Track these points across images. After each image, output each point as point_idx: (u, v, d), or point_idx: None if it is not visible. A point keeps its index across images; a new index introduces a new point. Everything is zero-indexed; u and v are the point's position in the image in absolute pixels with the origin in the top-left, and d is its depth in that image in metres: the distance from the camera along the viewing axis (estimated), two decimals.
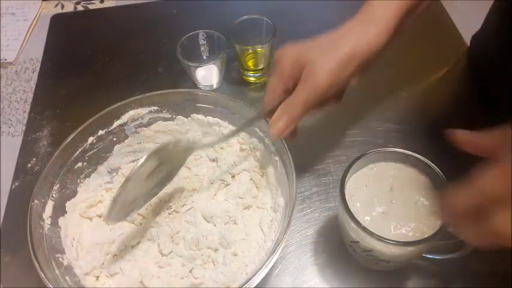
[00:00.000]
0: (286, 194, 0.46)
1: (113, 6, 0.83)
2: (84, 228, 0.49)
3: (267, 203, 0.51)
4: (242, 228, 0.49)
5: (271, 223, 0.48)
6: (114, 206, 0.41)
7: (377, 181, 0.42)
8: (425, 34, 0.72)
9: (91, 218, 0.50)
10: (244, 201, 0.51)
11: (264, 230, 0.48)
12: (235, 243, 0.47)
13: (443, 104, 0.64)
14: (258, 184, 0.53)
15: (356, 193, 0.41)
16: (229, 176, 0.53)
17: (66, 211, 0.48)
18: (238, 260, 0.46)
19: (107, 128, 0.51)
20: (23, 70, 0.73)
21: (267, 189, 0.52)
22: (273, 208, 0.49)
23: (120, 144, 0.54)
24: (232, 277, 0.44)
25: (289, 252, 0.50)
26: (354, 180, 0.42)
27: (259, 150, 0.53)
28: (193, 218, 0.50)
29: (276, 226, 0.47)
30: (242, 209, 0.51)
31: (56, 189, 0.47)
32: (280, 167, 0.49)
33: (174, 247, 0.48)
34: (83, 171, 0.51)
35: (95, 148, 0.51)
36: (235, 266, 0.46)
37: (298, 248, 0.50)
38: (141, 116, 0.53)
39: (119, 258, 0.47)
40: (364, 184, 0.42)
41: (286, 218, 0.42)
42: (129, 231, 0.49)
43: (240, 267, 0.46)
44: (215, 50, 0.64)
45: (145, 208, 0.50)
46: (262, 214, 0.50)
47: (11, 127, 0.66)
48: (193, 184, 0.53)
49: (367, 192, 0.41)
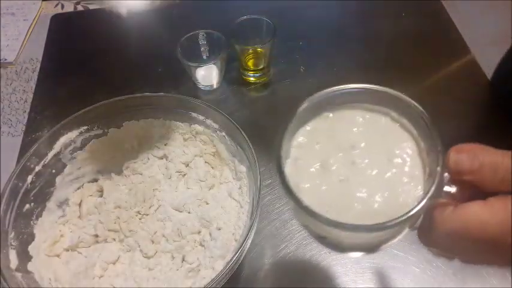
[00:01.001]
0: (244, 160, 0.48)
1: (113, 6, 0.83)
2: (57, 266, 0.47)
3: (228, 176, 0.52)
4: (216, 205, 0.50)
5: (240, 190, 0.50)
6: None
7: (333, 136, 0.30)
8: (425, 34, 0.72)
9: (59, 255, 0.48)
10: (207, 183, 0.52)
11: (236, 198, 0.50)
12: (215, 219, 0.49)
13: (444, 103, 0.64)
14: (213, 164, 0.54)
15: (304, 154, 0.29)
16: (183, 166, 0.54)
17: (31, 256, 0.46)
18: (224, 231, 0.48)
19: (42, 162, 0.49)
20: (23, 70, 0.73)
21: (224, 165, 0.53)
22: (236, 177, 0.51)
23: (60, 175, 0.51)
24: (225, 248, 0.46)
25: (289, 252, 0.50)
26: (301, 136, 0.30)
27: (202, 133, 0.54)
28: (164, 214, 0.50)
29: (245, 190, 0.48)
30: (208, 190, 0.52)
31: (12, 237, 0.44)
32: (229, 140, 0.50)
33: (157, 247, 0.48)
34: (32, 212, 0.48)
35: (37, 186, 0.48)
36: (224, 237, 0.47)
37: (298, 248, 0.50)
38: (73, 140, 0.51)
39: (107, 278, 0.47)
40: (315, 141, 0.30)
41: (254, 175, 0.44)
42: (105, 249, 0.49)
43: (229, 237, 0.47)
44: (215, 50, 0.64)
45: (113, 222, 0.50)
46: (228, 186, 0.52)
47: (11, 127, 0.66)
48: (152, 185, 0.53)
49: (320, 152, 0.29)
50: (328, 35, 0.74)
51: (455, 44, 0.71)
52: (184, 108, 0.52)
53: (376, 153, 0.29)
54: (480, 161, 0.23)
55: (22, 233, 0.46)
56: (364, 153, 0.29)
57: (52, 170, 0.50)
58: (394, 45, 0.71)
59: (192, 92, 0.66)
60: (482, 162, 0.23)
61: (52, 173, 0.50)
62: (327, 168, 0.28)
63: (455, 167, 0.24)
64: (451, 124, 0.61)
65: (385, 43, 0.72)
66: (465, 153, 0.24)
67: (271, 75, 0.68)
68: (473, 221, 0.23)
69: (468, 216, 0.23)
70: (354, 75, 0.67)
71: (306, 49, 0.71)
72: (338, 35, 0.74)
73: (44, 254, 0.47)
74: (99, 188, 0.54)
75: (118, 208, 0.51)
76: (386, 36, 0.73)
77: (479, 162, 0.23)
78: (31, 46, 0.77)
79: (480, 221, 0.22)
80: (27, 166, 0.47)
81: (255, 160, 0.44)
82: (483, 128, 0.60)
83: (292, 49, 0.71)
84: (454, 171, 0.24)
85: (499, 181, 0.23)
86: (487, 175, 0.23)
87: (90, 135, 0.52)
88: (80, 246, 0.49)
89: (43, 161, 0.49)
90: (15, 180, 0.46)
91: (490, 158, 0.23)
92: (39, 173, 0.49)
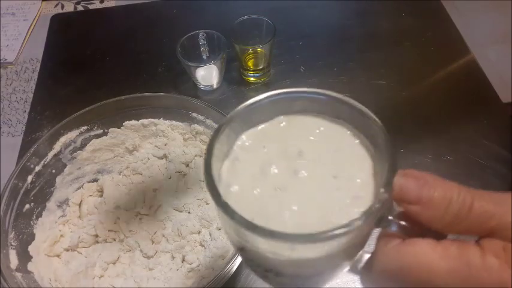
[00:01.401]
0: None
1: (112, 6, 0.83)
2: (57, 266, 0.47)
3: None
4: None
5: None
6: None
7: (283, 142, 0.27)
8: (425, 34, 0.72)
9: (59, 255, 0.49)
10: None
11: None
12: (215, 219, 0.49)
13: (444, 103, 0.64)
14: None
15: (245, 156, 0.26)
16: (183, 166, 0.54)
17: (31, 256, 0.46)
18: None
19: (42, 162, 0.49)
20: (23, 70, 0.73)
21: None
22: None
23: (60, 175, 0.51)
24: (225, 248, 0.46)
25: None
26: (248, 137, 0.27)
27: (202, 133, 0.54)
28: (165, 214, 0.50)
29: None
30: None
31: (12, 237, 0.44)
32: None
33: (157, 247, 0.48)
34: (32, 212, 0.48)
35: (37, 186, 0.48)
36: (224, 237, 0.47)
37: None
38: (73, 140, 0.51)
39: (107, 278, 0.47)
40: (262, 144, 0.27)
41: None
42: (105, 249, 0.49)
43: None
44: (215, 50, 0.64)
45: (113, 222, 0.50)
46: None
47: (11, 127, 0.66)
48: (152, 185, 0.53)
49: (263, 156, 0.26)
50: (328, 35, 0.74)
51: (455, 44, 0.71)
52: (184, 108, 0.52)
53: (323, 167, 0.25)
54: (431, 192, 0.19)
55: (22, 233, 0.46)
56: (311, 165, 0.25)
57: (52, 170, 0.50)
58: (394, 45, 0.71)
59: (192, 92, 0.66)
60: (433, 194, 0.19)
61: (52, 173, 0.50)
62: (266, 174, 0.25)
63: (399, 193, 0.20)
64: (450, 124, 0.61)
65: (385, 43, 0.72)
66: (413, 179, 0.19)
67: (271, 75, 0.68)
68: (420, 262, 0.18)
69: (414, 256, 0.19)
70: (354, 75, 0.67)
71: (306, 49, 0.71)
72: (338, 35, 0.74)
73: (44, 254, 0.47)
74: (99, 188, 0.54)
75: (118, 208, 0.51)
76: (386, 36, 0.73)
77: (429, 193, 0.19)
78: (31, 46, 0.77)
79: (427, 264, 0.18)
80: (27, 166, 0.47)
81: None
82: (483, 127, 0.60)
83: (292, 49, 0.71)
84: (398, 197, 0.20)
85: (450, 220, 0.19)
86: (436, 210, 0.19)
87: (90, 135, 0.52)
88: (80, 246, 0.49)
89: (43, 161, 0.49)
90: (15, 180, 0.46)
91: (443, 191, 0.19)
92: (39, 173, 0.49)
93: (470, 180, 0.55)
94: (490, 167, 0.56)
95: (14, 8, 0.83)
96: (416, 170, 0.20)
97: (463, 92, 0.65)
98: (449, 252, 0.18)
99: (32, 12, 0.82)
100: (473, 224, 0.18)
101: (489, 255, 0.17)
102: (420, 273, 0.18)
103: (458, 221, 0.18)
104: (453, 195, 0.19)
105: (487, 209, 0.18)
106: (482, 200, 0.18)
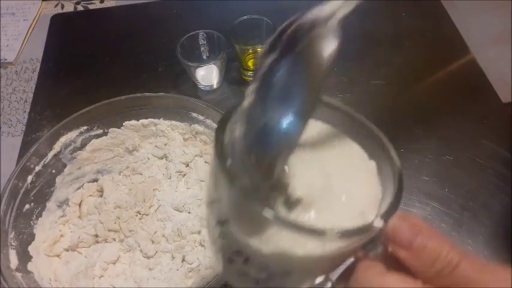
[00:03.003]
0: None
1: (112, 6, 0.83)
2: (56, 266, 0.47)
3: None
4: None
5: None
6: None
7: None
8: (425, 34, 0.72)
9: (59, 255, 0.49)
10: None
11: None
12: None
13: (444, 103, 0.64)
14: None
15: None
16: (183, 166, 0.54)
17: (31, 256, 0.45)
18: None
19: (42, 162, 0.49)
20: (23, 70, 0.73)
21: None
22: None
23: (60, 175, 0.51)
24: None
25: None
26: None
27: (202, 133, 0.54)
28: (164, 214, 0.50)
29: None
30: None
31: (12, 237, 0.44)
32: None
33: (157, 247, 0.48)
34: (32, 212, 0.48)
35: (37, 186, 0.48)
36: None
37: None
38: (73, 140, 0.51)
39: (107, 278, 0.47)
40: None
41: None
42: (105, 249, 0.49)
43: None
44: (215, 50, 0.64)
45: (113, 222, 0.50)
46: None
47: (11, 127, 0.66)
48: (152, 185, 0.53)
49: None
50: None
51: (455, 44, 0.71)
52: (184, 108, 0.52)
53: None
54: (423, 242, 0.19)
55: (22, 233, 0.46)
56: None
57: (52, 170, 0.50)
58: (394, 45, 0.71)
59: (192, 92, 0.66)
60: (425, 244, 0.19)
61: (52, 173, 0.50)
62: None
63: (391, 234, 0.20)
64: (450, 124, 0.61)
65: (385, 43, 0.72)
66: (409, 225, 0.20)
67: None
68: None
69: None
70: (354, 75, 0.67)
71: None
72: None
73: (44, 254, 0.47)
74: (99, 188, 0.54)
75: (118, 208, 0.51)
76: (386, 36, 0.73)
77: (421, 243, 0.19)
78: (31, 46, 0.77)
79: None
80: (27, 166, 0.47)
81: None
82: (483, 127, 0.60)
83: None
84: (389, 238, 0.20)
85: (432, 274, 0.19)
86: (423, 261, 0.19)
87: (90, 135, 0.52)
88: (80, 246, 0.49)
89: (43, 161, 0.49)
90: (15, 180, 0.46)
91: (434, 244, 0.19)
92: (39, 173, 0.48)
93: (471, 180, 0.55)
94: (490, 167, 0.56)
95: (14, 8, 0.83)
96: (415, 217, 0.20)
97: (463, 92, 0.65)
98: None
99: (32, 12, 0.82)
100: (454, 283, 0.19)
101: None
102: None
103: (440, 276, 0.19)
104: (443, 252, 0.19)
105: (469, 274, 0.18)
106: (468, 264, 0.19)
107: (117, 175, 0.55)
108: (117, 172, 0.55)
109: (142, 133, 0.55)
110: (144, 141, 0.56)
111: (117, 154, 0.55)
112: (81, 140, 0.52)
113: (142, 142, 0.56)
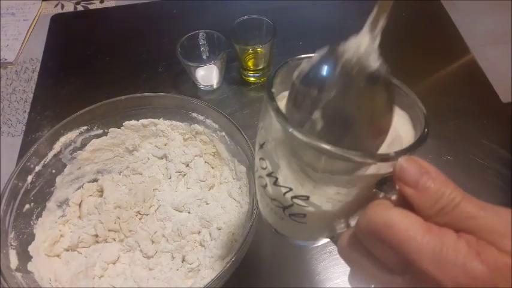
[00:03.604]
0: (244, 160, 0.48)
1: (112, 6, 0.83)
2: (57, 266, 0.47)
3: (228, 176, 0.52)
4: (216, 205, 0.50)
5: (240, 190, 0.50)
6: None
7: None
8: (425, 34, 0.72)
9: (59, 255, 0.49)
10: (207, 183, 0.53)
11: (237, 198, 0.50)
12: (215, 219, 0.49)
13: (444, 103, 0.64)
14: (212, 164, 0.54)
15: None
16: (183, 166, 0.54)
17: (31, 256, 0.45)
18: (224, 231, 0.48)
19: (42, 162, 0.49)
20: (23, 70, 0.73)
21: (224, 165, 0.53)
22: (236, 177, 0.51)
23: (60, 175, 0.51)
24: (225, 248, 0.46)
25: (289, 252, 0.50)
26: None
27: (202, 133, 0.54)
28: (164, 214, 0.50)
29: (245, 190, 0.48)
30: (208, 190, 0.52)
31: (12, 237, 0.44)
32: (229, 140, 0.50)
33: (157, 247, 0.48)
34: (32, 212, 0.48)
35: (37, 186, 0.48)
36: (224, 237, 0.47)
37: (299, 248, 0.50)
38: (73, 140, 0.51)
39: (107, 278, 0.47)
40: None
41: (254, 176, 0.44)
42: (105, 249, 0.49)
43: (229, 237, 0.47)
44: (215, 50, 0.64)
45: (113, 222, 0.50)
46: (228, 187, 0.52)
47: (11, 127, 0.66)
48: (152, 185, 0.53)
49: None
50: (328, 35, 0.74)
51: (455, 44, 0.71)
52: (184, 108, 0.52)
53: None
54: (428, 182, 0.20)
55: (22, 233, 0.46)
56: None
57: (52, 170, 0.50)
58: (394, 46, 0.71)
59: (192, 92, 0.66)
60: (430, 184, 0.20)
61: (52, 173, 0.50)
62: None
63: (399, 172, 0.21)
64: (451, 124, 0.61)
65: (384, 43, 0.72)
66: (416, 165, 0.21)
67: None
68: (403, 224, 0.19)
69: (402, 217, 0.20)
70: None
71: (306, 49, 0.71)
72: (338, 35, 0.74)
73: (44, 254, 0.47)
74: (99, 188, 0.54)
75: (118, 208, 0.51)
76: (386, 36, 0.73)
77: (426, 182, 0.20)
78: (31, 46, 0.77)
79: (409, 230, 0.19)
80: (27, 166, 0.47)
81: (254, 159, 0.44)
82: (483, 127, 0.60)
83: (292, 49, 0.71)
84: (397, 176, 0.21)
85: (435, 211, 0.20)
86: (427, 198, 0.20)
87: (90, 135, 0.52)
88: (80, 246, 0.49)
89: (43, 161, 0.49)
90: (15, 180, 0.46)
91: (439, 184, 0.20)
92: (39, 173, 0.48)
93: (471, 180, 0.55)
94: (490, 167, 0.56)
95: (14, 8, 0.83)
96: (424, 161, 0.21)
97: (463, 92, 0.65)
98: (431, 228, 0.19)
99: (32, 12, 0.82)
100: (455, 220, 0.19)
101: (462, 241, 0.19)
102: (399, 234, 0.19)
103: (442, 214, 0.20)
104: (446, 191, 0.20)
105: (470, 210, 0.19)
106: (469, 202, 0.20)
107: (117, 175, 0.55)
108: (117, 172, 0.55)
109: (142, 133, 0.55)
110: (144, 141, 0.56)
111: (117, 154, 0.55)
112: (81, 140, 0.52)
113: (142, 142, 0.56)
